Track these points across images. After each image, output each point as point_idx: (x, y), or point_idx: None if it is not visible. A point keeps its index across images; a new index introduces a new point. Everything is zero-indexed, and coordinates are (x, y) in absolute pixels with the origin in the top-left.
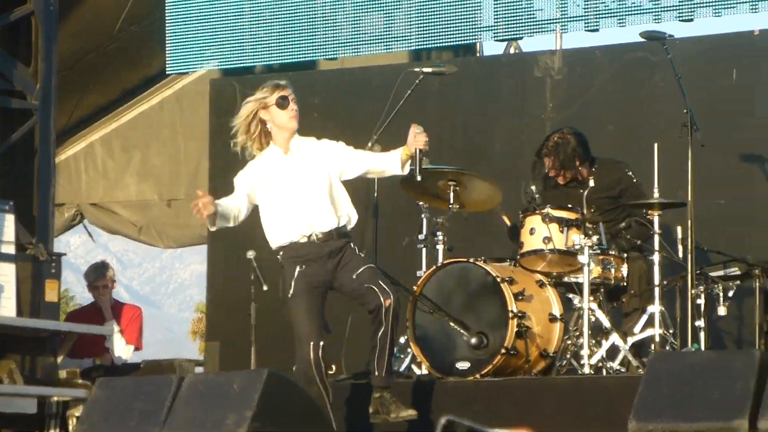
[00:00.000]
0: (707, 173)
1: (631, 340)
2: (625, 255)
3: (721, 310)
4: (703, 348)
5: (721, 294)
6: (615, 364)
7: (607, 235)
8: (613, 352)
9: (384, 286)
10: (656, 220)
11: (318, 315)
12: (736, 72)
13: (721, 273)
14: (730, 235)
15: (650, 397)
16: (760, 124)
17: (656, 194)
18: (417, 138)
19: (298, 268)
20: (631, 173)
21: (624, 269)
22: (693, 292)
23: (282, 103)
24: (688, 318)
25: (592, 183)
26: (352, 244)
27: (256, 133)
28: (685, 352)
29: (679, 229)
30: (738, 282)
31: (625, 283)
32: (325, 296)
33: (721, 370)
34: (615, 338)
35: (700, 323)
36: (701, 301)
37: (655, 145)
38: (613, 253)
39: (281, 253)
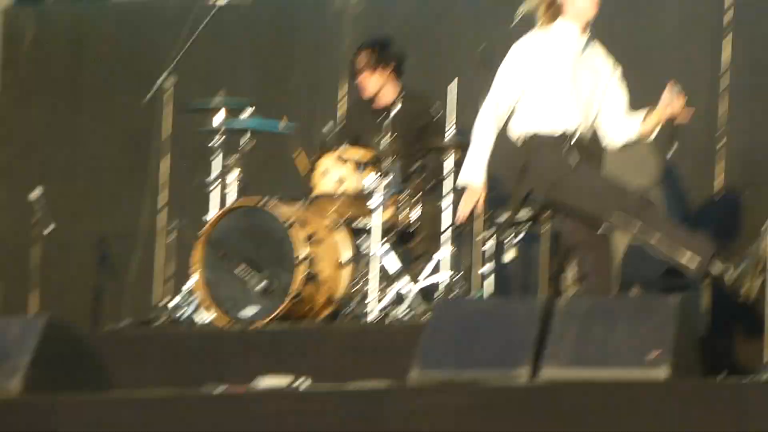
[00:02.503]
0: None
1: (418, 285)
2: (418, 198)
3: (509, 256)
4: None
5: (510, 239)
6: (402, 310)
7: (401, 177)
8: (401, 297)
9: None
10: (451, 161)
11: None
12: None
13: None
14: None
15: (433, 345)
16: None
17: (451, 135)
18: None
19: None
20: (433, 110)
21: (415, 213)
22: (481, 237)
23: None
24: (474, 263)
25: (396, 109)
26: None
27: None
28: (469, 299)
29: None
30: (527, 225)
31: (415, 227)
32: None
33: (504, 317)
34: (403, 284)
35: (488, 268)
36: (489, 246)
37: (455, 81)
38: (406, 195)
39: None
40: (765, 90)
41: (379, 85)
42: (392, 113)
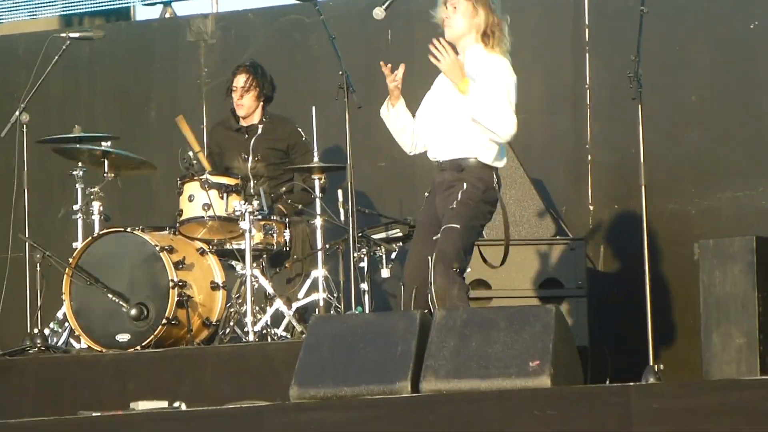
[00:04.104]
0: (367, 136)
1: (295, 305)
2: (287, 220)
3: (385, 272)
4: (367, 311)
5: (384, 256)
6: (279, 331)
7: (268, 200)
8: (277, 318)
9: (435, 273)
10: (317, 183)
11: (421, 254)
12: (391, 33)
13: (383, 235)
14: (391, 197)
15: (311, 362)
16: (416, 84)
17: (316, 158)
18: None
19: (426, 194)
20: (300, 130)
21: (287, 234)
22: (356, 255)
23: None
24: (351, 281)
25: (260, 131)
26: (465, 185)
27: None
28: (347, 315)
29: (339, 192)
30: (400, 243)
31: (287, 248)
32: None
33: (383, 332)
34: (279, 304)
35: (364, 286)
36: (364, 264)
37: (313, 108)
38: (275, 218)
39: None
40: (623, 108)
41: (254, 106)
42: (258, 134)
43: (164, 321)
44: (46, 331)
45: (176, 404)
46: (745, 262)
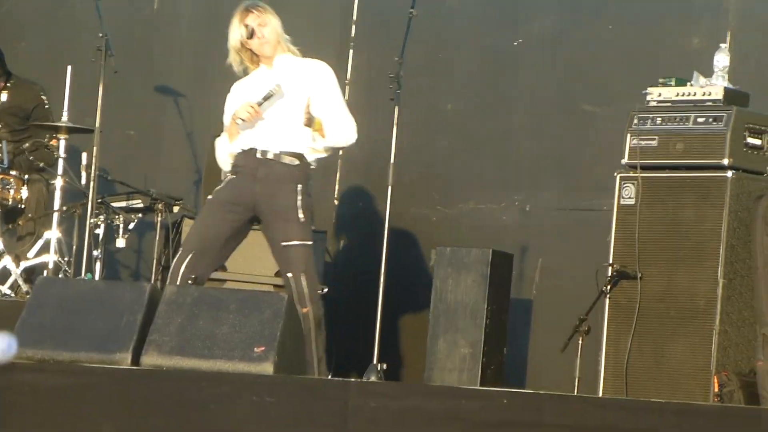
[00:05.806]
0: (124, 102)
1: (23, 264)
2: (26, 177)
3: (121, 242)
4: (97, 278)
5: (122, 225)
6: (4, 288)
7: (10, 155)
8: (4, 275)
9: (305, 291)
10: (62, 143)
11: (214, 233)
12: (157, 2)
13: (123, 204)
14: (137, 167)
15: (33, 322)
16: (180, 57)
17: (65, 118)
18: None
19: (228, 176)
20: (45, 98)
21: (24, 191)
22: (92, 221)
23: (250, 34)
24: (84, 247)
25: (4, 98)
26: (299, 187)
27: (247, 58)
28: (75, 279)
29: (84, 155)
30: (140, 215)
31: (23, 206)
32: (243, 223)
33: (110, 300)
34: (6, 261)
35: (97, 253)
36: (100, 230)
37: (69, 67)
38: (14, 173)
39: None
40: (380, 108)
41: None
42: (0, 100)
43: None
44: None
45: None
46: (479, 273)
